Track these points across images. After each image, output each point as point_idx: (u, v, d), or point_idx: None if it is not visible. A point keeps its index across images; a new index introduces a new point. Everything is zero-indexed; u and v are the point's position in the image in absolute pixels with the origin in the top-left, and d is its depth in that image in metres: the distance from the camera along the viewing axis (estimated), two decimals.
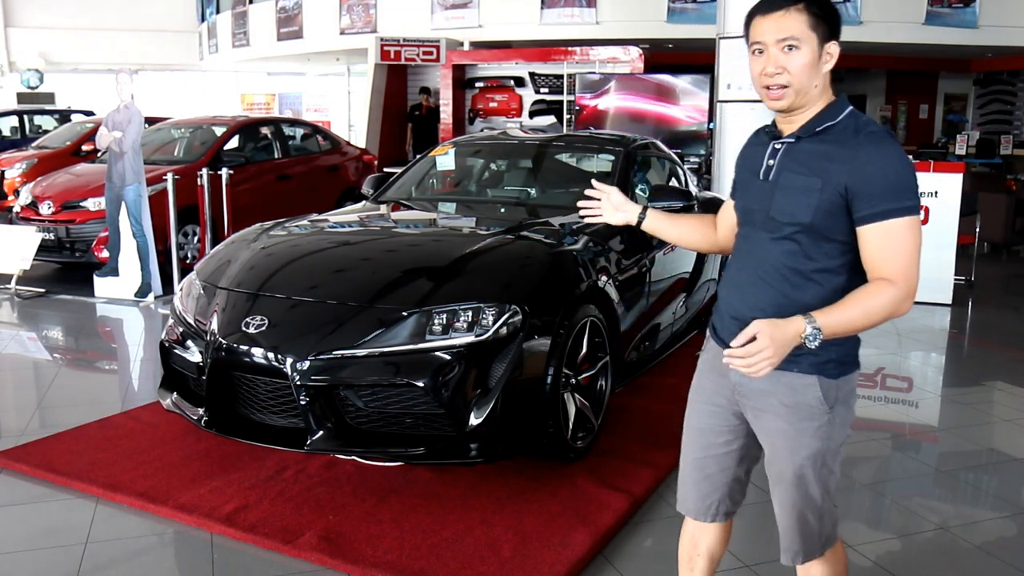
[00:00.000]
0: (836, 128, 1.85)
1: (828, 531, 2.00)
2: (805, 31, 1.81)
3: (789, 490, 1.95)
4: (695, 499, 2.12)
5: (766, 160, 1.92)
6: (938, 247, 6.96)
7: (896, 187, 1.77)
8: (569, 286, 3.54)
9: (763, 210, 1.90)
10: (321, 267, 3.70)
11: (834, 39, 1.85)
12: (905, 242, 1.78)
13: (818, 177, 1.82)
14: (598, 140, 5.48)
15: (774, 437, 1.95)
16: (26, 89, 21.20)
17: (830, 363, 1.88)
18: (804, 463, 1.91)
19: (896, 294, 1.77)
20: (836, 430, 1.91)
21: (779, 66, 1.83)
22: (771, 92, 1.86)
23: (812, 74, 1.83)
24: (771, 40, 1.83)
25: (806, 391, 1.88)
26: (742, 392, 1.98)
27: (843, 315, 1.77)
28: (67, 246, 7.75)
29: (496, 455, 3.21)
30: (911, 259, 1.79)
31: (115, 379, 5.18)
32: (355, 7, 15.46)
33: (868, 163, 1.78)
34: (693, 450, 2.11)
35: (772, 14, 1.83)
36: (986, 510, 3.42)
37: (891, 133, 1.88)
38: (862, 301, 1.78)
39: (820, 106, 1.87)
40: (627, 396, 4.27)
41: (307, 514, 3.13)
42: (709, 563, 2.21)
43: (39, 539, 3.03)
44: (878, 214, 1.78)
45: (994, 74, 17.26)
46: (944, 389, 5.18)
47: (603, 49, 11.88)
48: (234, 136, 9.06)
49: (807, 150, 1.86)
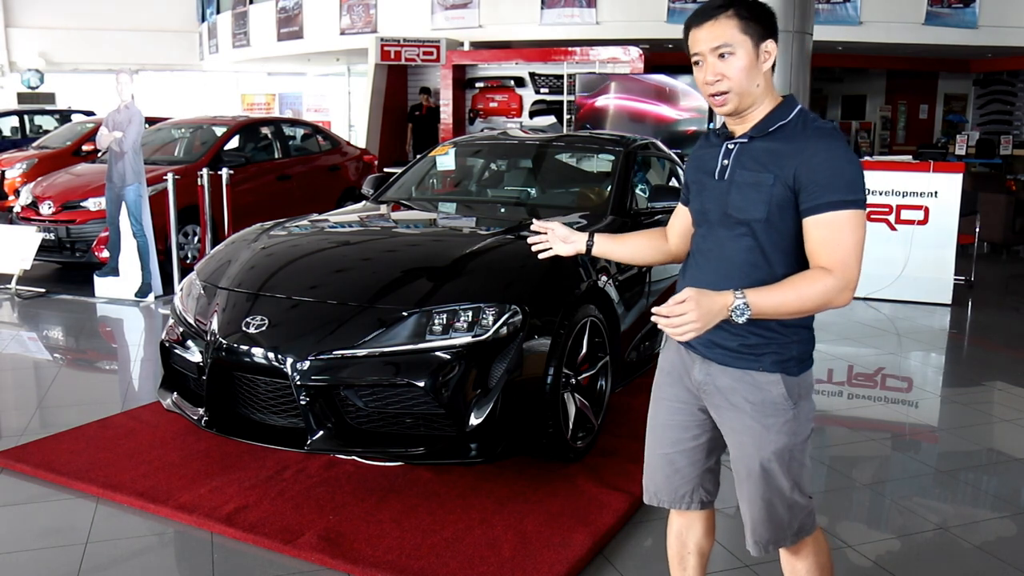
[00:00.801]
0: (787, 126, 1.90)
1: (801, 521, 2.02)
2: (737, 36, 1.87)
3: (757, 484, 1.98)
4: (668, 491, 2.16)
5: (720, 160, 1.97)
6: (938, 247, 6.97)
7: (840, 181, 1.82)
8: (569, 286, 3.55)
9: (720, 208, 1.94)
10: (321, 267, 3.70)
11: (770, 37, 1.90)
12: (846, 235, 1.81)
13: (770, 173, 1.87)
14: (598, 140, 5.48)
15: (740, 434, 1.98)
16: (26, 89, 21.22)
17: (791, 361, 1.93)
18: (771, 458, 1.95)
19: (832, 283, 1.80)
20: (801, 424, 1.96)
21: (717, 73, 1.88)
22: (715, 99, 1.92)
23: (752, 76, 1.88)
24: (706, 49, 1.89)
25: (771, 388, 1.93)
26: (706, 390, 2.02)
27: (775, 296, 1.80)
28: (67, 246, 7.75)
29: (496, 455, 3.21)
30: (851, 252, 1.82)
31: (115, 379, 5.18)
32: (355, 7, 15.47)
33: (814, 156, 1.83)
34: (661, 445, 2.14)
35: (704, 24, 1.89)
36: (986, 510, 3.42)
37: (839, 130, 1.93)
38: (797, 285, 1.81)
39: (769, 106, 1.93)
40: (627, 396, 4.28)
41: (307, 514, 3.13)
42: (699, 558, 2.23)
43: (39, 539, 3.03)
44: (821, 206, 1.82)
45: (994, 74, 17.27)
46: (944, 389, 5.18)
47: (603, 49, 11.89)
48: (234, 136, 9.07)
49: (760, 148, 1.91)
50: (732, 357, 1.95)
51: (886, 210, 7.13)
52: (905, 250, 7.03)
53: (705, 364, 1.99)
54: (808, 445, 2.00)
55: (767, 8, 1.92)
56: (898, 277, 7.04)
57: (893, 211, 7.11)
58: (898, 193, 7.08)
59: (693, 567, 2.23)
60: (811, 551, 2.06)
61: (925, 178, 7.02)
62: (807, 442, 1.99)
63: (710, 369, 1.99)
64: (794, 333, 1.93)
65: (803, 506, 2.00)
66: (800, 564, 2.07)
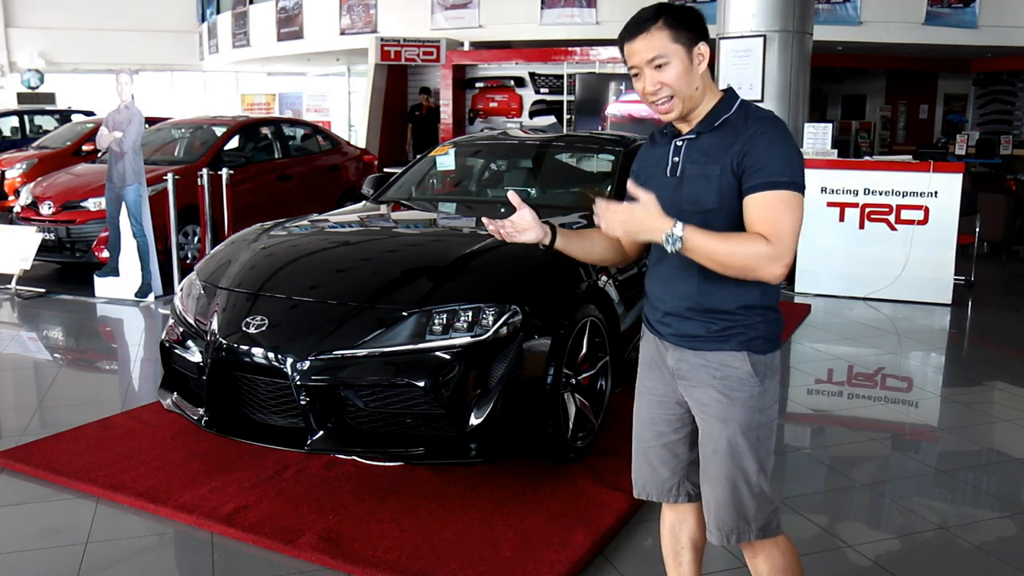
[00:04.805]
0: (731, 119, 1.97)
1: (767, 517, 2.02)
2: (669, 45, 1.92)
3: (724, 460, 2.00)
4: (654, 484, 2.19)
5: (671, 158, 2.03)
6: (938, 247, 6.96)
7: (777, 162, 1.87)
8: (569, 286, 3.55)
9: (673, 204, 1.95)
10: (321, 267, 3.70)
11: (702, 40, 1.95)
12: (781, 212, 1.86)
13: (717, 164, 1.93)
14: (598, 140, 5.49)
15: (708, 408, 2.01)
16: (26, 89, 21.22)
17: (757, 339, 1.98)
18: (737, 430, 1.98)
19: (766, 250, 1.83)
20: (768, 403, 2.00)
21: (656, 83, 1.94)
22: (660, 107, 1.97)
23: (689, 80, 1.94)
24: (642, 62, 1.94)
25: (738, 364, 1.98)
26: (678, 374, 2.06)
27: (709, 240, 1.83)
28: (67, 246, 7.75)
29: (496, 455, 3.21)
30: (787, 228, 1.85)
31: (115, 379, 5.18)
32: (355, 7, 15.47)
33: (754, 140, 1.90)
34: (645, 439, 2.19)
35: (637, 38, 1.95)
36: (986, 510, 3.42)
37: (779, 118, 2.00)
38: (732, 239, 1.86)
39: (712, 102, 1.99)
40: (627, 396, 4.25)
41: (307, 514, 3.13)
42: (694, 553, 2.24)
43: (39, 539, 3.03)
44: (759, 185, 1.87)
45: (994, 74, 17.26)
46: (944, 389, 5.18)
47: (603, 49, 11.89)
48: (234, 136, 9.07)
49: (708, 142, 1.97)
50: (701, 342, 2.00)
51: (886, 210, 7.13)
52: (905, 250, 7.02)
53: (677, 351, 2.05)
54: (773, 430, 2.03)
55: (695, 12, 1.98)
56: (898, 277, 7.04)
57: (893, 211, 7.11)
58: (898, 193, 7.08)
59: (688, 562, 2.24)
60: (777, 552, 2.06)
61: (925, 178, 7.01)
62: (773, 426, 2.02)
63: (681, 355, 2.04)
64: (758, 314, 1.98)
65: (769, 499, 2.02)
66: (762, 565, 2.07)
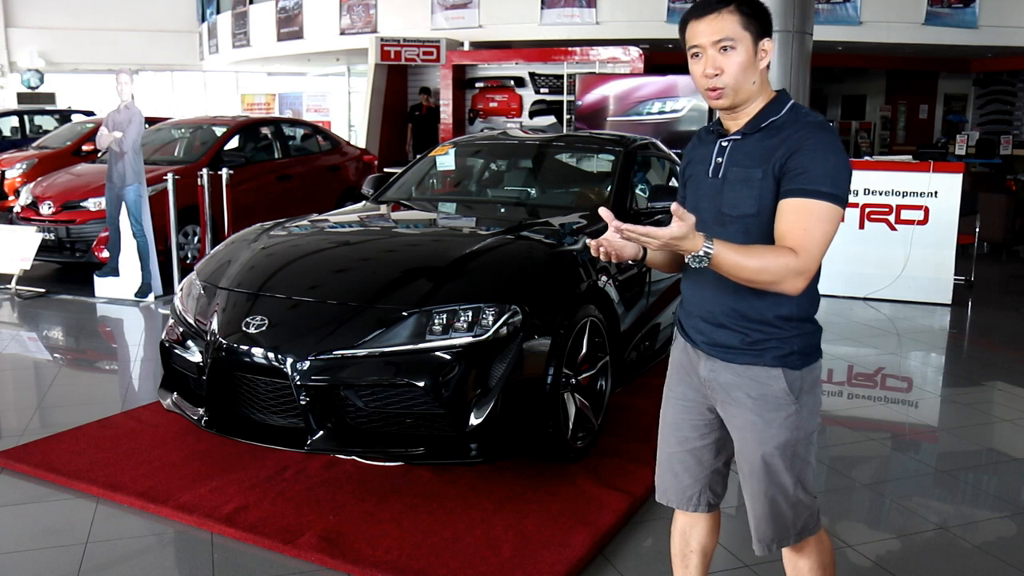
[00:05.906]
0: (779, 122, 1.91)
1: (804, 521, 2.02)
2: (739, 31, 1.87)
3: (760, 480, 1.98)
4: (676, 491, 2.16)
5: (714, 158, 1.98)
6: (938, 247, 6.97)
7: (821, 170, 1.81)
8: (569, 286, 3.55)
9: (714, 207, 1.94)
10: (321, 267, 3.70)
11: (767, 36, 1.91)
12: (816, 223, 1.80)
13: (760, 168, 1.87)
14: (598, 140, 5.48)
15: (743, 430, 1.98)
16: (26, 89, 21.21)
17: (793, 355, 1.93)
18: (773, 452, 1.94)
19: (793, 263, 1.78)
20: (805, 419, 1.95)
21: (717, 67, 1.88)
22: (711, 93, 1.92)
23: (749, 72, 1.89)
24: (707, 42, 1.89)
25: (772, 383, 1.92)
26: (710, 386, 2.02)
27: (738, 256, 1.77)
28: (67, 246, 7.75)
29: (496, 455, 3.21)
30: (818, 241, 1.80)
31: (115, 379, 5.18)
32: (355, 7, 15.47)
33: (801, 144, 1.84)
34: (670, 444, 2.15)
35: (705, 17, 1.89)
36: (986, 510, 3.42)
37: (830, 124, 1.93)
38: (761, 254, 1.80)
39: (762, 102, 1.94)
40: (627, 396, 4.28)
41: (307, 514, 3.13)
42: (702, 558, 2.23)
43: (39, 539, 3.03)
44: (797, 190, 1.81)
45: (994, 74, 17.27)
46: (944, 389, 5.18)
47: (603, 49, 11.89)
48: (234, 136, 9.07)
49: (753, 145, 1.91)
50: (735, 354, 1.95)
51: (886, 210, 7.13)
52: (905, 250, 7.03)
53: (709, 361, 2.00)
54: (814, 441, 1.99)
55: (765, 7, 1.93)
56: (898, 277, 7.04)
57: (893, 211, 7.11)
58: (898, 193, 7.08)
59: (695, 566, 2.23)
60: (814, 550, 2.06)
61: (925, 178, 7.01)
62: (812, 437, 1.98)
63: (714, 366, 1.99)
64: (795, 327, 1.92)
65: (807, 505, 2.00)
66: (803, 563, 2.06)
